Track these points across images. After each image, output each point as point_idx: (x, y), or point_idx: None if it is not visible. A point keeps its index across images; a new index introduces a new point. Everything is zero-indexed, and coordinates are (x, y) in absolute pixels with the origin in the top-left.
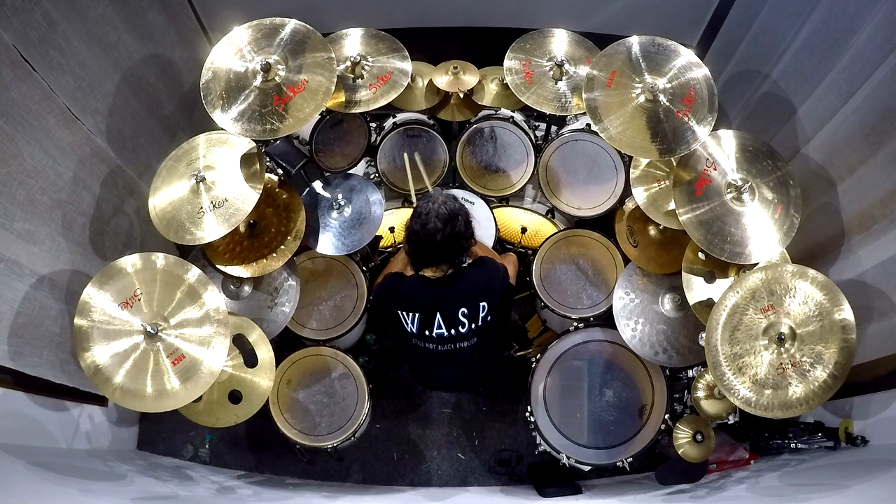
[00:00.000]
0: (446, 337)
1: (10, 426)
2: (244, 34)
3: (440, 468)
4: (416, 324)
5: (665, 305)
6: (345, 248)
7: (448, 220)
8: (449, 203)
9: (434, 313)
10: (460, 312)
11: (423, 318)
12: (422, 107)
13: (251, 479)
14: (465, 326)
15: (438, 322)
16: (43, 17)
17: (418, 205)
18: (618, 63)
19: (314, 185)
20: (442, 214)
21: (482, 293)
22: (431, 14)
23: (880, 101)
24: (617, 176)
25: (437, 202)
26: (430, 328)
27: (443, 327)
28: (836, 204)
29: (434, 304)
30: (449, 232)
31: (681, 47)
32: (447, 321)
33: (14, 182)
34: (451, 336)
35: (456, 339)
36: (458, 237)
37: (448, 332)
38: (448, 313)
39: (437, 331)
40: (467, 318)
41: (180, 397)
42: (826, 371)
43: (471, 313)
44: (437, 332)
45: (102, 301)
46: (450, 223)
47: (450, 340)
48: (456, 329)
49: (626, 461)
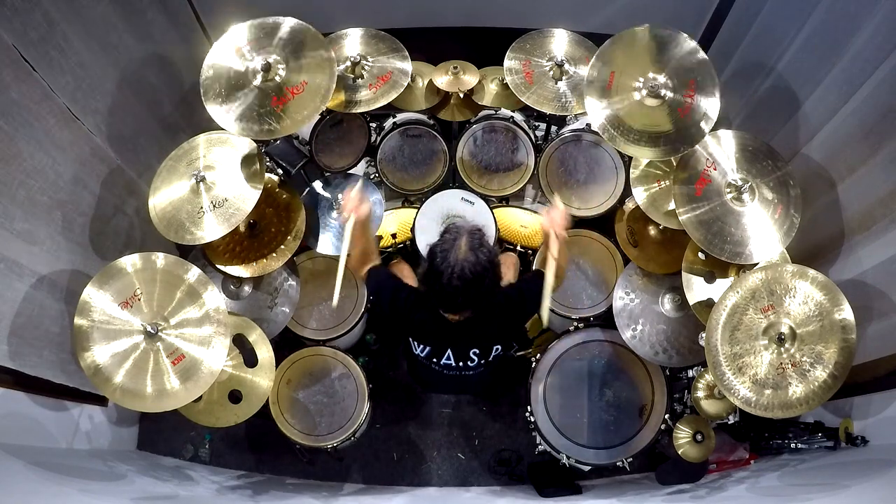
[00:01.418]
0: (454, 367)
1: (10, 426)
2: (244, 33)
3: (440, 468)
4: (424, 353)
5: (665, 305)
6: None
7: (473, 283)
8: (472, 256)
9: (445, 349)
10: (472, 352)
11: (432, 351)
12: (422, 107)
13: (251, 479)
14: (474, 362)
15: (448, 355)
16: (43, 17)
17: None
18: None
19: (314, 185)
20: (465, 274)
21: (497, 337)
22: (431, 14)
23: (880, 101)
24: (617, 176)
25: (460, 253)
26: (439, 359)
27: (451, 359)
28: (836, 204)
29: (446, 341)
30: (473, 293)
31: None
32: (457, 356)
33: (14, 182)
34: (459, 367)
35: (463, 369)
36: (482, 296)
37: (457, 363)
38: (459, 351)
39: (444, 361)
40: (478, 356)
41: (180, 397)
42: (826, 371)
43: (482, 353)
44: (445, 362)
45: (102, 301)
46: (474, 285)
47: (457, 370)
48: (465, 362)
49: (626, 461)
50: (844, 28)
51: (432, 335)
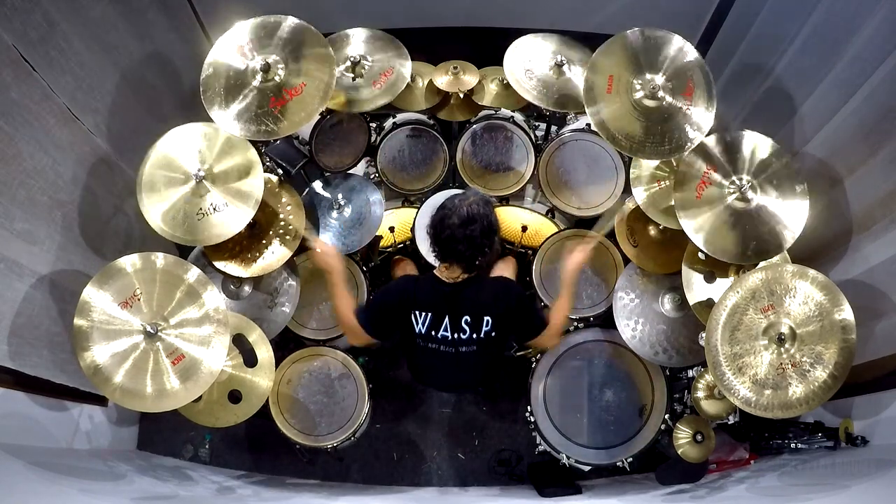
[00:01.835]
0: (449, 340)
1: (10, 426)
2: (244, 32)
3: (440, 468)
4: (426, 324)
5: (665, 305)
6: (345, 248)
7: (466, 222)
8: (475, 206)
9: (444, 315)
10: (463, 320)
11: (433, 319)
12: (422, 107)
13: (251, 479)
14: (465, 333)
15: (445, 324)
16: (43, 17)
17: (448, 198)
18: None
19: (314, 185)
20: (462, 214)
21: (488, 307)
22: (431, 14)
23: (880, 101)
24: (617, 176)
25: (465, 201)
26: (438, 329)
27: (448, 330)
28: (836, 204)
29: (444, 305)
30: (463, 234)
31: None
32: (452, 325)
33: (14, 182)
34: (454, 340)
35: (458, 342)
36: (472, 241)
37: (452, 335)
38: (454, 317)
39: (442, 332)
40: (469, 326)
41: (180, 397)
42: (826, 371)
43: (473, 323)
44: (443, 334)
45: (102, 301)
46: (468, 225)
47: (452, 344)
48: (458, 334)
49: (626, 461)
50: (844, 28)
51: (431, 301)
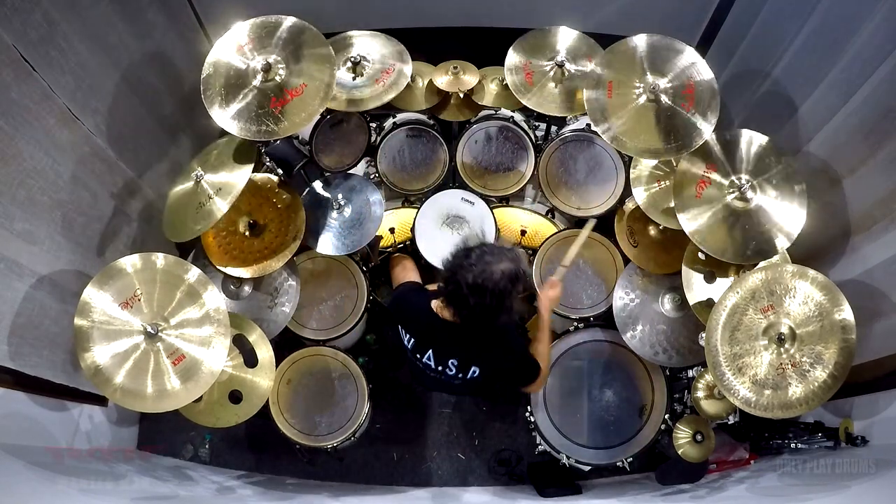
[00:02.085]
0: (434, 369)
1: (10, 426)
2: (245, 32)
3: (440, 468)
4: (410, 345)
5: (665, 305)
6: (345, 248)
7: (478, 290)
8: (498, 278)
9: (427, 347)
10: (450, 361)
11: (416, 345)
12: (422, 107)
13: (251, 479)
14: (451, 371)
15: (429, 355)
16: (43, 17)
17: (481, 246)
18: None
19: (314, 185)
20: (479, 277)
21: (478, 360)
22: (431, 14)
23: (880, 101)
24: (617, 176)
25: (493, 265)
26: (421, 356)
27: (431, 360)
28: (836, 204)
29: (430, 338)
30: (468, 298)
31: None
32: (437, 359)
33: (14, 182)
34: (439, 370)
35: (443, 374)
36: (473, 310)
37: (436, 367)
38: (440, 354)
39: (425, 360)
40: (456, 368)
41: (180, 397)
42: (826, 371)
43: (460, 367)
44: (426, 362)
45: (102, 301)
46: (477, 294)
47: (437, 373)
48: (444, 368)
49: (626, 461)
50: (844, 28)
51: (419, 328)
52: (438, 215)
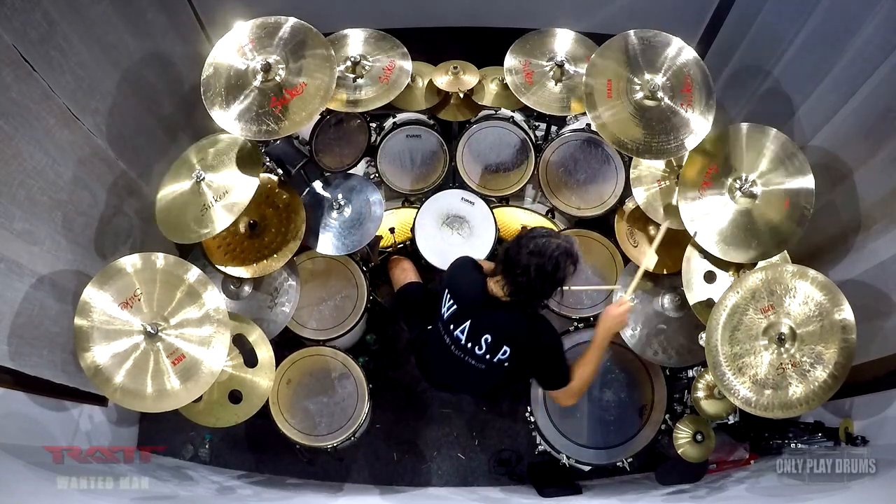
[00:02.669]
0: (462, 345)
1: (10, 426)
2: (245, 33)
3: (440, 468)
4: (448, 312)
5: (665, 305)
6: (345, 248)
7: (539, 253)
8: (557, 249)
9: (466, 318)
10: (483, 337)
11: (456, 313)
12: (422, 107)
13: (251, 479)
14: (480, 350)
15: (464, 328)
16: (43, 17)
17: (539, 229)
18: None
19: (314, 185)
20: (542, 245)
21: (511, 339)
22: (431, 14)
23: (880, 101)
24: (617, 176)
25: (555, 240)
26: (456, 327)
27: (465, 333)
28: (836, 204)
29: (472, 310)
30: (528, 260)
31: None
32: (472, 333)
33: (14, 182)
34: (467, 348)
35: (469, 352)
36: (528, 271)
37: (467, 343)
38: (476, 328)
39: (457, 332)
40: (487, 345)
41: (180, 397)
42: (826, 371)
43: (492, 344)
44: (458, 335)
45: (102, 301)
46: (539, 256)
47: (464, 350)
48: (473, 346)
49: (626, 461)
50: (844, 28)
51: (466, 299)
52: (438, 215)
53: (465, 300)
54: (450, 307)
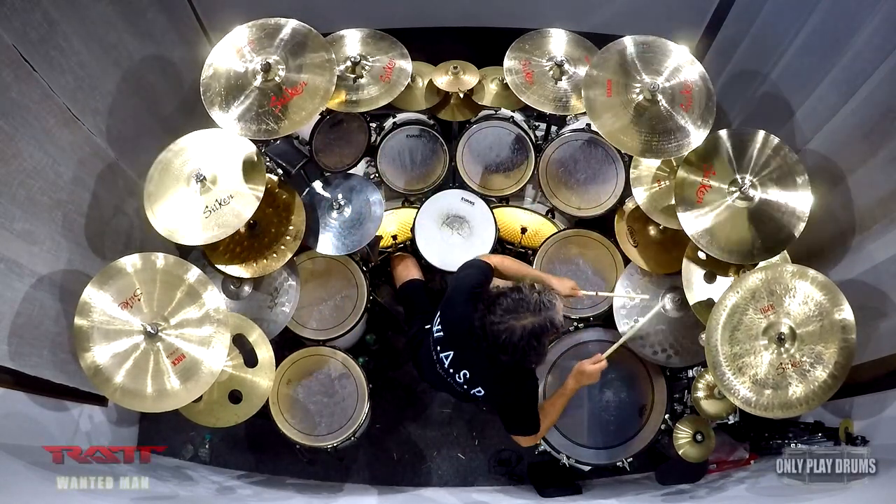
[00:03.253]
0: (445, 369)
1: (10, 426)
2: (245, 34)
3: (440, 468)
4: (437, 335)
5: (665, 305)
6: (345, 248)
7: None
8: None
9: (450, 348)
10: (463, 371)
11: (443, 340)
12: (422, 107)
13: (251, 479)
14: (460, 379)
15: (448, 356)
16: (43, 17)
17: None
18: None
19: (314, 185)
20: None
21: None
22: (431, 14)
23: (880, 101)
24: (617, 176)
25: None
26: (441, 351)
27: (447, 361)
28: (836, 204)
29: (457, 343)
30: (489, 345)
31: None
32: (453, 363)
33: (14, 182)
34: (449, 373)
35: (451, 377)
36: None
37: (449, 368)
38: (457, 360)
39: (442, 356)
40: (465, 379)
41: (180, 397)
42: (826, 371)
43: (469, 380)
44: (441, 358)
45: (102, 301)
46: (498, 347)
47: (446, 373)
48: (454, 373)
49: (626, 461)
50: (844, 28)
51: (454, 327)
52: (438, 215)
53: (452, 331)
54: (438, 331)
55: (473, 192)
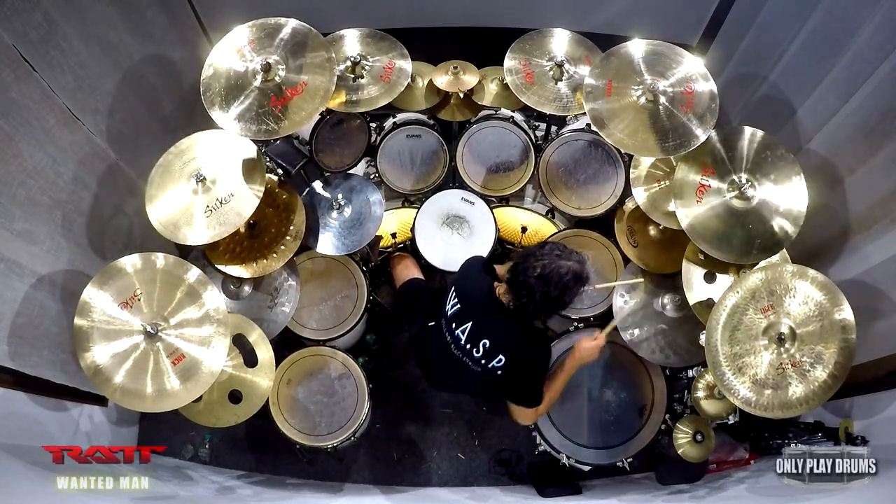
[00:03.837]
0: (461, 345)
1: (10, 426)
2: (245, 34)
3: (440, 468)
4: (452, 310)
5: (665, 305)
6: (345, 248)
7: (546, 279)
8: (565, 273)
9: (468, 319)
10: (482, 342)
11: (459, 313)
12: (422, 107)
13: (251, 479)
14: (478, 353)
15: (466, 328)
16: (43, 17)
17: (553, 245)
18: (613, 71)
19: (314, 185)
20: (549, 271)
21: (508, 347)
22: (431, 14)
23: (880, 101)
24: (617, 176)
25: (563, 261)
26: (458, 326)
27: (465, 334)
28: (836, 204)
29: (475, 313)
30: (534, 284)
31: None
32: (471, 335)
33: (14, 182)
34: (466, 349)
35: (467, 353)
36: (533, 295)
37: (466, 344)
38: (477, 330)
39: (458, 332)
40: (485, 350)
41: (180, 397)
42: (826, 371)
43: (489, 350)
44: (458, 334)
45: (102, 301)
46: (545, 282)
47: (462, 351)
48: (472, 348)
49: (626, 461)
50: (844, 28)
51: (471, 297)
52: (438, 215)
53: (469, 301)
54: (454, 305)
55: (473, 192)
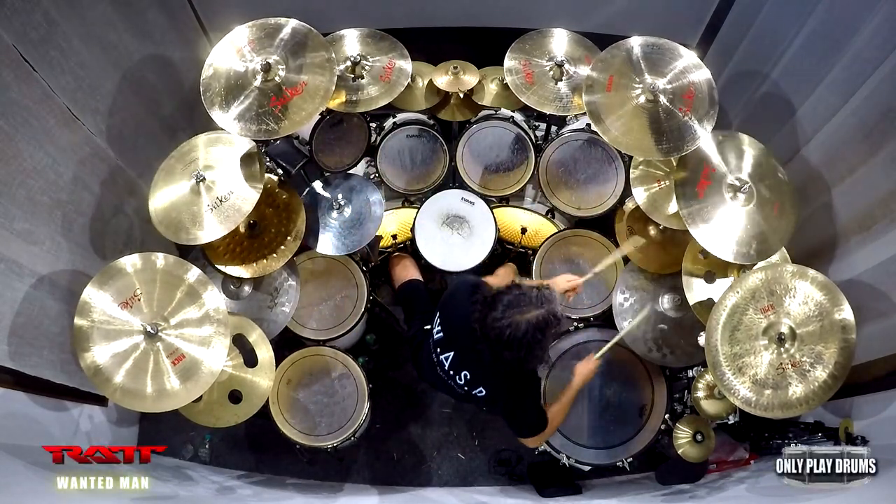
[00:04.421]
0: (445, 370)
1: (10, 426)
2: (245, 34)
3: (440, 468)
4: (437, 336)
5: (665, 305)
6: (345, 248)
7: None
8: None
9: (451, 349)
10: (464, 372)
11: (443, 340)
12: (422, 107)
13: (251, 479)
14: (460, 380)
15: (448, 356)
16: (43, 17)
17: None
18: (615, 67)
19: (314, 185)
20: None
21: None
22: (431, 14)
23: (880, 101)
24: (617, 176)
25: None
26: (442, 352)
27: (448, 362)
28: (836, 204)
29: (458, 343)
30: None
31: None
32: (453, 364)
33: (14, 182)
34: (449, 374)
35: (451, 379)
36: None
37: (450, 370)
38: (458, 361)
39: (442, 358)
40: (466, 380)
41: (180, 397)
42: (826, 371)
43: (470, 381)
44: (442, 360)
45: (102, 301)
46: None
47: (447, 375)
48: (455, 374)
49: (626, 461)
50: (844, 28)
51: (454, 327)
52: (438, 215)
53: (452, 331)
54: (438, 332)
55: (473, 192)
